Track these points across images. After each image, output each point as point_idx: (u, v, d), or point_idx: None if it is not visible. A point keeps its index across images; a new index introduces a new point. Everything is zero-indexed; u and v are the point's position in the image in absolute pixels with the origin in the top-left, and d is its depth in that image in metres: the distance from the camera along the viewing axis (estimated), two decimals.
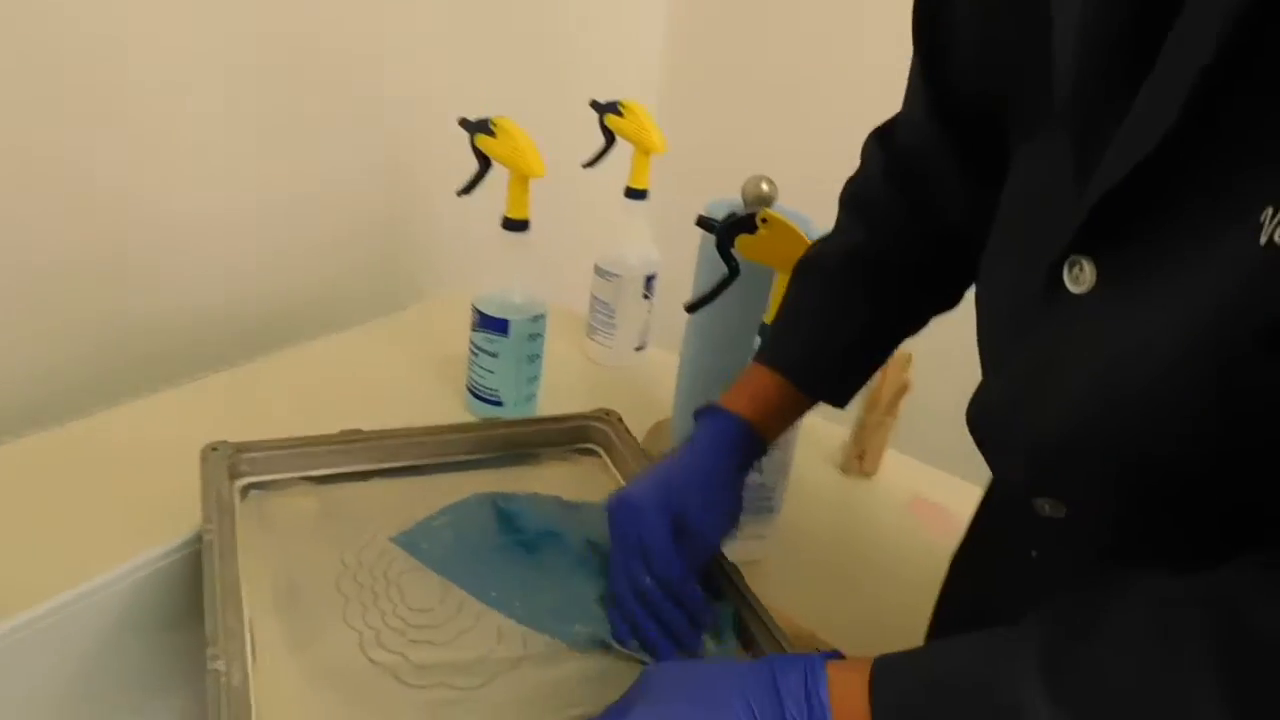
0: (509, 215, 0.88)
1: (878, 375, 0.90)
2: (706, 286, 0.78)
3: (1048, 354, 0.44)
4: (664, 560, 0.59)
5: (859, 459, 0.96)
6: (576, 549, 0.66)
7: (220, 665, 0.51)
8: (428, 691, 0.54)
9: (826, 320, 0.67)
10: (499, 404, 0.95)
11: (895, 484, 0.98)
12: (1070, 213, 0.40)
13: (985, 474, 0.76)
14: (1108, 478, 0.43)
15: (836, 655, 0.47)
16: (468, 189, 0.89)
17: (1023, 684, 0.39)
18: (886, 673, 0.44)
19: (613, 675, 0.58)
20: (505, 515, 0.67)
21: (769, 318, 0.76)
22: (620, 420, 0.77)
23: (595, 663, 0.58)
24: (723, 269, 0.76)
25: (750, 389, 0.68)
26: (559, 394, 1.00)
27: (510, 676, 0.56)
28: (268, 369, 0.99)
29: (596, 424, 0.77)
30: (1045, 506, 0.47)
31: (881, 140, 0.67)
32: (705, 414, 0.67)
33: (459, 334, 1.07)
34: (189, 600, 0.63)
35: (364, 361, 1.04)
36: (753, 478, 0.78)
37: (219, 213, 1.03)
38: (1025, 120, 0.48)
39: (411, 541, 0.65)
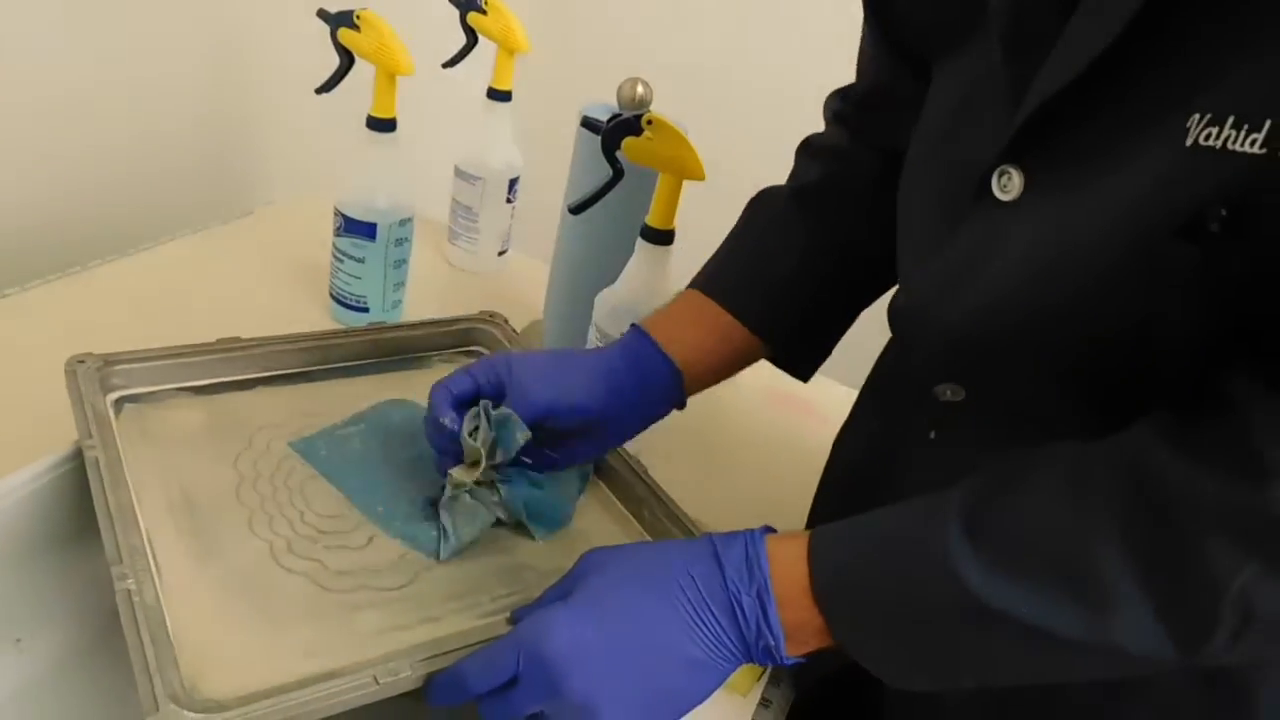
0: (374, 115, 0.85)
1: None
2: (585, 188, 0.78)
3: (970, 255, 0.47)
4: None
5: None
6: None
7: (130, 584, 0.49)
8: (351, 595, 0.54)
9: (764, 243, 0.68)
10: (365, 310, 0.92)
11: (756, 381, 1.03)
12: (1000, 125, 0.43)
13: (839, 369, 0.81)
14: (1015, 365, 0.47)
15: (771, 530, 0.50)
16: (328, 86, 0.85)
17: (948, 531, 0.43)
18: (823, 538, 0.48)
19: (531, 565, 0.59)
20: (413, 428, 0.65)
21: (651, 219, 0.77)
22: (506, 322, 0.77)
23: (512, 557, 0.60)
24: (604, 171, 0.76)
25: (678, 316, 0.66)
26: (423, 300, 0.98)
27: (432, 574, 0.57)
28: (103, 278, 0.93)
29: (482, 326, 0.76)
30: (946, 392, 0.52)
31: (842, 93, 0.69)
32: (634, 332, 0.65)
33: (312, 239, 1.03)
34: (67, 523, 0.59)
35: (211, 270, 0.98)
36: None
37: (23, 100, 0.93)
38: (953, 35, 0.51)
39: (310, 447, 0.63)
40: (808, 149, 0.72)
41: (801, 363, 0.71)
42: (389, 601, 0.54)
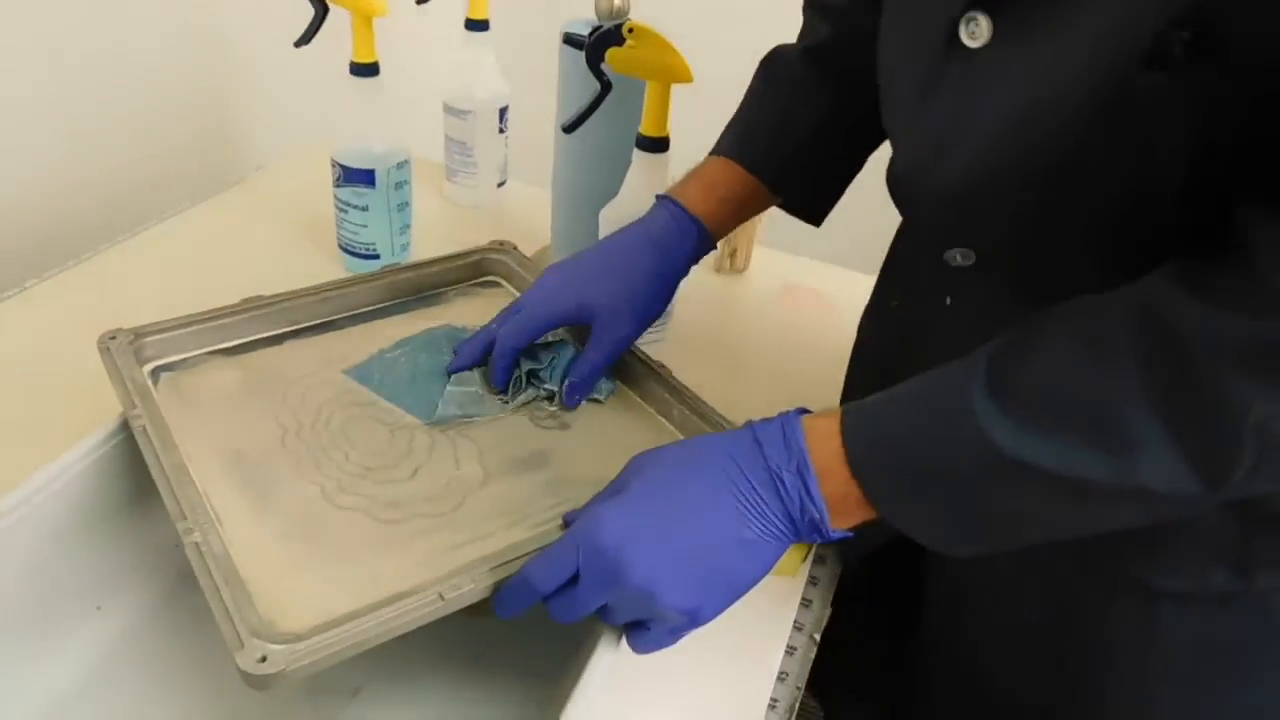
0: (357, 60, 0.85)
1: None
2: (576, 105, 0.79)
3: (951, 109, 0.48)
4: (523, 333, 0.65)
5: (730, 257, 1.01)
6: None
7: (197, 537, 0.51)
8: (405, 524, 0.57)
9: (784, 107, 0.70)
10: (375, 256, 0.94)
11: (767, 276, 1.04)
12: None
13: (851, 255, 0.82)
14: (1019, 222, 0.48)
15: (805, 411, 0.52)
16: (305, 38, 0.85)
17: (973, 391, 0.44)
18: (855, 411, 0.49)
19: (573, 479, 0.61)
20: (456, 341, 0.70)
21: (645, 128, 0.78)
22: (516, 248, 0.78)
23: (555, 472, 0.62)
24: (591, 86, 0.76)
25: (703, 180, 0.70)
26: (429, 241, 0.99)
27: (480, 495, 0.59)
28: (114, 260, 0.94)
29: (494, 256, 0.78)
30: (956, 256, 0.52)
31: None
32: (656, 202, 0.70)
33: (311, 195, 1.04)
34: (124, 493, 0.62)
35: (218, 238, 1.00)
36: None
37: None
38: None
39: (365, 373, 0.67)
40: (814, 5, 0.73)
41: (816, 212, 0.74)
42: (441, 526, 0.57)
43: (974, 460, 0.45)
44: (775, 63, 0.73)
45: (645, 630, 0.51)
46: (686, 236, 0.68)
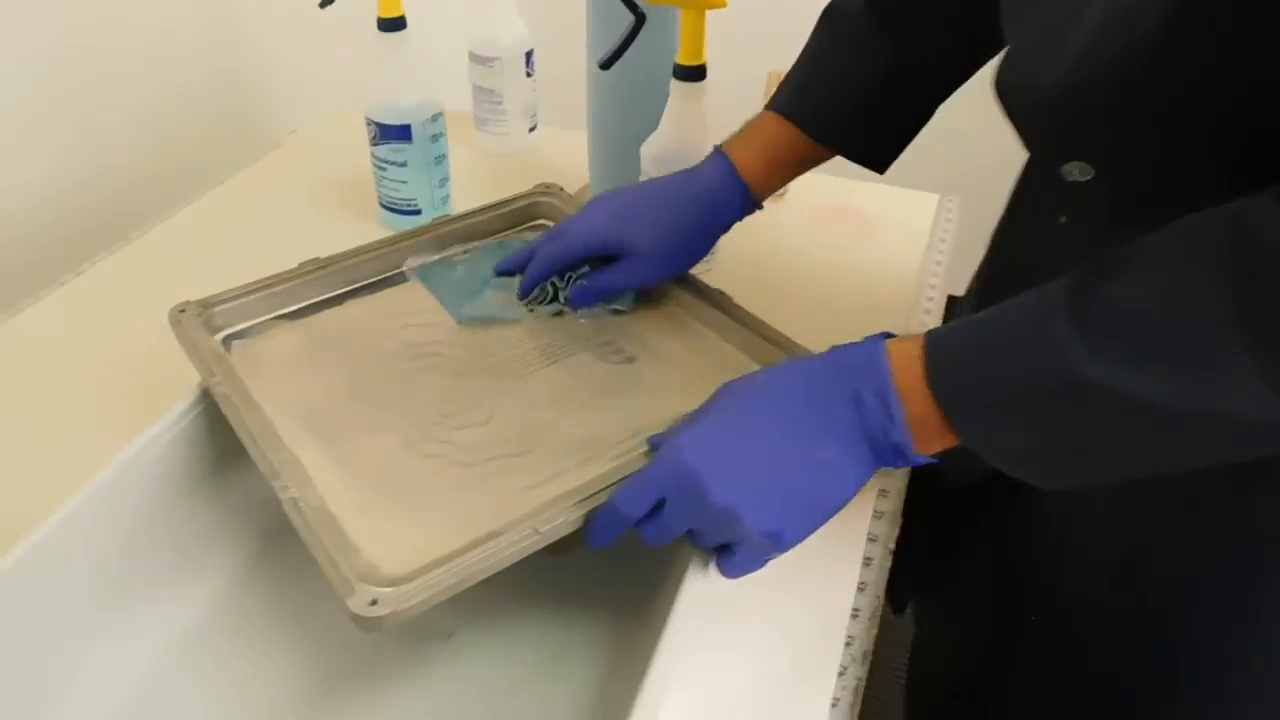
0: (383, 16, 0.85)
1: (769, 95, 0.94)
2: (609, 41, 0.78)
3: (1058, 9, 0.47)
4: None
5: None
6: None
7: (293, 493, 0.53)
8: (486, 465, 0.58)
9: (845, 63, 0.69)
10: (417, 212, 0.94)
11: (807, 200, 1.03)
12: None
13: (894, 168, 0.82)
14: (1136, 135, 0.47)
15: (889, 336, 0.51)
16: None
17: (1056, 315, 0.43)
18: (938, 334, 0.49)
19: (647, 410, 0.62)
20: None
21: (681, 57, 0.77)
22: (562, 190, 0.78)
23: (630, 402, 0.63)
24: (624, 19, 0.76)
25: (758, 141, 0.70)
26: (467, 192, 0.99)
27: (556, 433, 0.60)
28: (161, 239, 0.95)
29: (542, 199, 0.78)
30: (1074, 170, 0.51)
31: None
32: (710, 156, 0.70)
33: (344, 155, 1.04)
34: (207, 461, 0.64)
35: (259, 205, 1.01)
36: None
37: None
38: None
39: (426, 272, 0.73)
40: None
41: (880, 162, 0.73)
42: (522, 466, 0.58)
43: (1054, 385, 0.43)
44: (835, 15, 0.71)
45: (732, 554, 0.52)
46: (732, 200, 0.69)
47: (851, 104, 0.69)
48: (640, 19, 0.74)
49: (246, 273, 0.69)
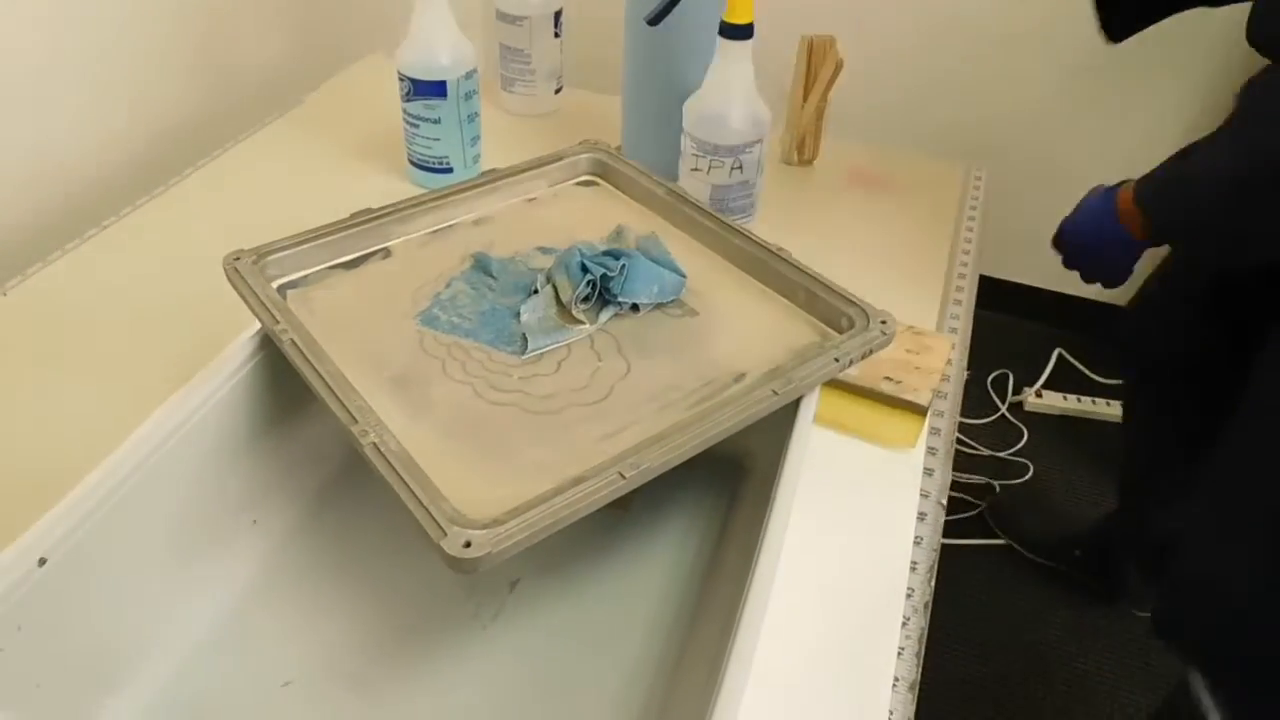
0: None
1: (803, 60, 0.94)
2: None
3: None
4: None
5: (798, 149, 1.01)
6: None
7: (373, 438, 0.53)
8: (560, 414, 0.58)
9: None
10: (449, 170, 0.93)
11: (834, 166, 1.04)
12: None
13: (921, 136, 0.82)
14: None
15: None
16: None
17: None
18: (1146, 175, 0.83)
19: (717, 359, 0.62)
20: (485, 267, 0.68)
21: (729, 15, 0.77)
22: (608, 146, 0.78)
23: (698, 351, 0.63)
24: None
25: None
26: (496, 152, 0.99)
27: (627, 383, 0.60)
28: (189, 193, 0.94)
29: (588, 155, 0.78)
30: None
31: None
32: None
33: (367, 112, 1.03)
34: (267, 410, 0.63)
35: (287, 160, 0.99)
36: (735, 175, 0.82)
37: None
38: None
39: (430, 318, 0.65)
40: None
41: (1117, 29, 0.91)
42: (596, 414, 0.58)
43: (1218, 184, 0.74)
44: None
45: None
46: None
47: None
48: None
49: (279, 227, 0.68)
